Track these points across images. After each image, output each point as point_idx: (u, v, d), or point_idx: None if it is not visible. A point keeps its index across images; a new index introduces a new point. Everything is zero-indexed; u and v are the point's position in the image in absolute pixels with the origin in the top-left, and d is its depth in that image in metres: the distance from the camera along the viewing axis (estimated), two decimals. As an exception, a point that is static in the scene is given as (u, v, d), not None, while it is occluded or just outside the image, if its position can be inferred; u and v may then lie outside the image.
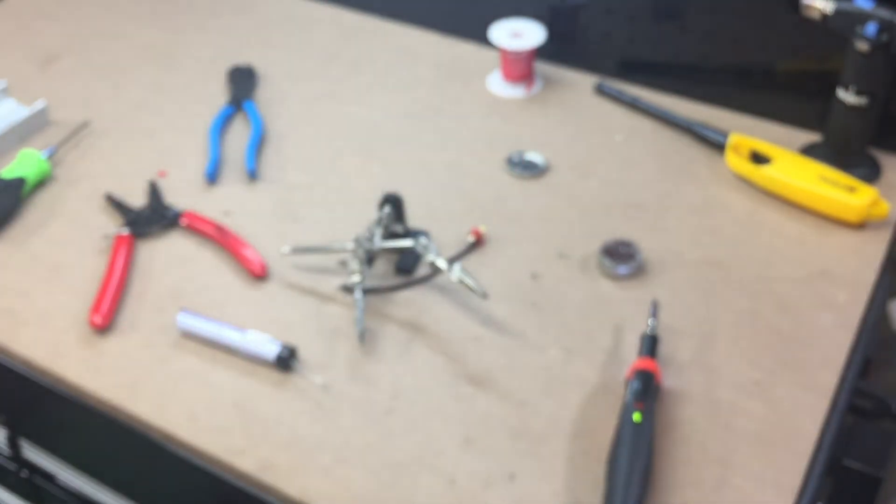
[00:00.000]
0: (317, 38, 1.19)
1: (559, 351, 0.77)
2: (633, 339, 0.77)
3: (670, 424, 0.71)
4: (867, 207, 0.86)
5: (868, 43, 0.84)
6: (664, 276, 0.84)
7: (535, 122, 1.04)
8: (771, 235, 0.87)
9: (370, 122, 1.04)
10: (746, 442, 0.69)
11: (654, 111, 1.03)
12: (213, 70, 1.13)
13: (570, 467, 0.68)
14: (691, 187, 0.94)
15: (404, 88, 1.10)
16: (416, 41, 1.18)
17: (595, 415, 0.72)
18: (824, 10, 0.87)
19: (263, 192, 0.94)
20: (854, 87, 0.88)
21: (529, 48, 1.05)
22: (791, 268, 0.84)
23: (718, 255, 0.85)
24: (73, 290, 0.84)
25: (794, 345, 0.77)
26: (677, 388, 0.73)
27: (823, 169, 0.89)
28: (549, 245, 0.87)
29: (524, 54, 1.06)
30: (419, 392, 0.74)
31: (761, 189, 0.92)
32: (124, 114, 1.07)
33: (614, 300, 0.82)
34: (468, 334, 0.79)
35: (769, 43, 1.00)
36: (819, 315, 0.79)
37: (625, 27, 1.08)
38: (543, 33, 1.06)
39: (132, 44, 1.19)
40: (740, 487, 0.66)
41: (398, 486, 0.68)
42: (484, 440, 0.71)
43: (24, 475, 1.01)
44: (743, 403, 0.72)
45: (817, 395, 0.72)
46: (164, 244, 0.89)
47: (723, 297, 0.81)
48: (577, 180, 0.95)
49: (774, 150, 0.92)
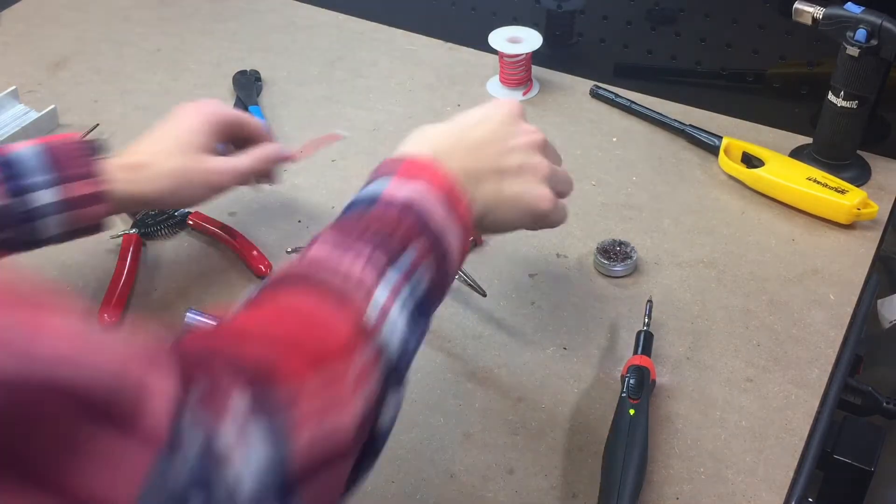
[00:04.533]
0: (320, 43, 1.20)
1: (556, 348, 0.78)
2: (629, 337, 0.78)
3: (664, 419, 0.72)
4: (857, 208, 0.87)
5: (858, 47, 0.85)
6: (659, 276, 0.85)
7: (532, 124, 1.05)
8: (763, 236, 0.89)
9: (372, 125, 1.05)
10: (739, 437, 0.71)
11: (649, 114, 1.04)
12: (218, 74, 1.14)
13: (567, 462, 0.70)
14: (685, 189, 0.95)
15: (405, 92, 1.11)
16: (417, 47, 1.19)
17: (591, 410, 0.73)
18: (815, 15, 0.89)
19: (268, 193, 0.96)
20: (844, 90, 0.89)
21: (527, 53, 1.07)
22: (783, 267, 0.85)
23: (711, 254, 0.87)
24: (82, 290, 0.85)
25: (785, 342, 0.78)
26: (671, 385, 0.75)
27: (814, 171, 0.91)
28: (547, 245, 0.89)
29: (522, 59, 1.07)
30: (419, 388, 0.75)
31: (753, 191, 0.93)
32: (132, 117, 1.08)
33: (610, 299, 0.83)
34: (468, 332, 0.80)
35: (761, 48, 1.02)
36: (810, 313, 0.80)
37: (620, 32, 1.10)
38: (540, 39, 1.07)
39: (139, 48, 1.20)
40: (733, 481, 0.68)
41: (399, 480, 0.69)
42: (483, 435, 0.72)
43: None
44: (736, 399, 0.73)
45: (808, 391, 0.74)
46: (171, 244, 0.91)
47: (716, 295, 0.83)
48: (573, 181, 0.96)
49: (766, 153, 0.94)
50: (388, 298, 0.50)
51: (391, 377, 0.49)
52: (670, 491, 0.67)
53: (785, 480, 0.68)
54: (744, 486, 0.67)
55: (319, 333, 0.47)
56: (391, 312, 0.50)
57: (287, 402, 0.42)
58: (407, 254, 0.52)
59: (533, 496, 0.67)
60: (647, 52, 1.10)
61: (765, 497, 0.66)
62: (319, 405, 0.43)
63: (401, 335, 0.50)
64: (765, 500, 0.66)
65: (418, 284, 0.52)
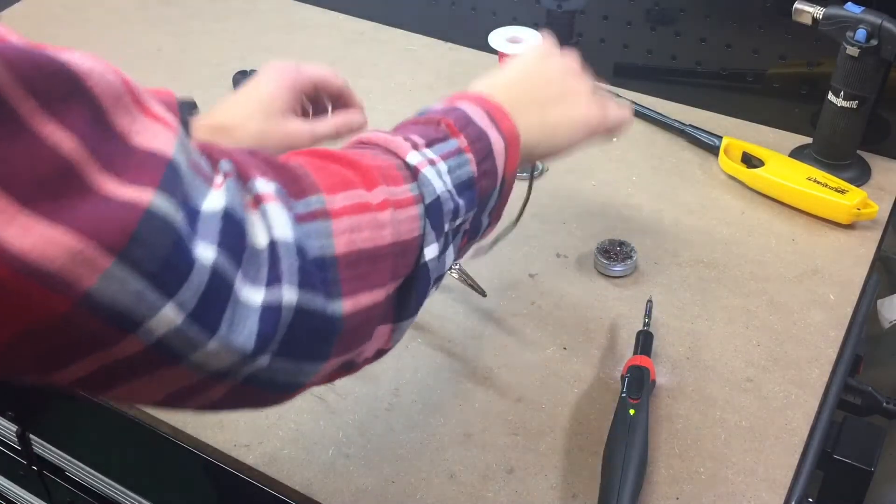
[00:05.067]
0: (320, 43, 1.21)
1: (556, 348, 0.78)
2: (629, 337, 0.78)
3: (665, 420, 0.72)
4: (857, 208, 0.87)
5: (858, 47, 0.86)
6: (659, 276, 0.85)
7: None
8: (763, 236, 0.89)
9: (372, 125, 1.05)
10: (739, 437, 0.71)
11: (649, 115, 1.04)
12: (218, 74, 1.14)
13: (567, 461, 0.70)
14: (685, 189, 0.95)
15: (405, 92, 1.11)
16: (417, 47, 1.19)
17: (591, 410, 0.73)
18: (815, 15, 0.89)
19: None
20: (844, 90, 0.89)
21: (527, 53, 1.07)
22: (783, 267, 0.85)
23: (712, 254, 0.87)
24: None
25: (785, 342, 0.78)
26: (671, 385, 0.75)
27: (814, 171, 0.91)
28: (547, 245, 0.89)
29: (522, 59, 1.07)
30: (420, 388, 0.75)
31: (753, 191, 0.93)
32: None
33: (610, 299, 0.83)
34: (468, 332, 0.80)
35: (761, 48, 1.02)
36: (810, 313, 0.80)
37: (620, 32, 1.10)
38: (540, 39, 1.07)
39: (140, 48, 1.20)
40: (733, 481, 0.67)
41: (399, 480, 0.69)
42: (483, 435, 0.72)
43: (33, 470, 1.03)
44: (736, 399, 0.73)
45: (808, 391, 0.74)
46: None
47: (716, 295, 0.83)
48: (574, 182, 0.97)
49: (766, 153, 0.94)
50: (429, 159, 0.51)
51: (433, 217, 0.49)
52: (670, 491, 0.67)
53: (785, 480, 0.67)
54: (744, 486, 0.67)
55: (361, 166, 0.47)
56: (432, 167, 0.51)
57: (320, 198, 0.43)
58: (450, 141, 0.53)
59: (533, 496, 0.67)
60: (647, 52, 1.10)
61: (765, 497, 0.66)
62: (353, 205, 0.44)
63: (442, 188, 0.50)
64: (765, 500, 0.66)
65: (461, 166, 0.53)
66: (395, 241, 0.46)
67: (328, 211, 0.43)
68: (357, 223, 0.44)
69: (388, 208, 0.46)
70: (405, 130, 0.54)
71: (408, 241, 0.48)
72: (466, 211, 0.53)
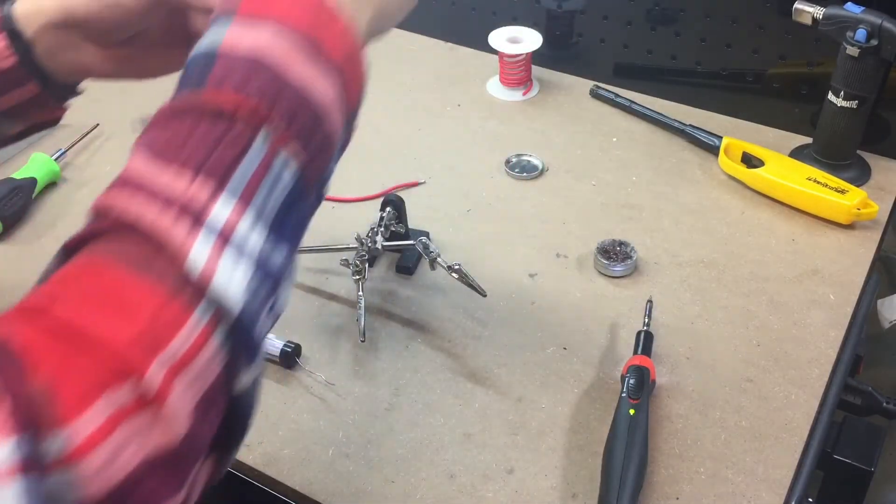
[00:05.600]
0: (319, 43, 1.20)
1: (556, 348, 0.78)
2: (629, 337, 0.78)
3: (664, 419, 0.72)
4: (857, 208, 0.87)
5: (858, 47, 0.86)
6: (659, 276, 0.85)
7: (533, 125, 1.05)
8: (763, 236, 0.89)
9: (372, 125, 1.06)
10: (739, 437, 0.71)
11: (649, 114, 1.04)
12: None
13: (567, 461, 0.70)
14: (685, 189, 0.95)
15: (406, 92, 1.11)
16: (418, 47, 1.19)
17: (591, 410, 0.73)
18: (815, 15, 0.89)
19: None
20: (844, 90, 0.89)
21: (527, 53, 1.07)
22: (783, 267, 0.85)
23: (712, 254, 0.87)
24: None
25: (785, 342, 0.78)
26: (671, 385, 0.75)
27: (814, 171, 0.91)
28: (547, 245, 0.89)
29: (522, 59, 1.08)
30: (420, 388, 0.76)
31: (753, 191, 0.93)
32: (132, 117, 1.07)
33: (610, 299, 0.83)
34: (468, 332, 0.80)
35: (761, 48, 1.02)
36: (810, 313, 0.80)
37: (620, 32, 1.10)
38: (540, 39, 1.07)
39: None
40: (733, 481, 0.67)
41: (399, 480, 0.69)
42: (483, 435, 0.72)
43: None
44: (736, 399, 0.73)
45: (808, 391, 0.74)
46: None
47: (716, 295, 0.83)
48: (573, 182, 0.97)
49: (766, 153, 0.94)
50: (220, 233, 0.38)
51: (235, 339, 0.38)
52: (670, 491, 0.67)
53: (785, 480, 0.67)
54: (744, 486, 0.67)
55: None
56: (227, 249, 0.38)
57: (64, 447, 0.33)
58: (256, 145, 0.40)
59: (533, 496, 0.67)
60: (647, 52, 1.10)
61: (765, 497, 0.66)
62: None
63: (249, 278, 0.39)
64: (765, 500, 0.66)
65: (277, 182, 0.40)
66: (187, 431, 0.36)
67: (73, 451, 0.33)
68: (118, 443, 0.34)
69: (169, 386, 0.35)
70: (174, 153, 0.41)
71: (207, 396, 0.37)
72: (290, 252, 0.42)
